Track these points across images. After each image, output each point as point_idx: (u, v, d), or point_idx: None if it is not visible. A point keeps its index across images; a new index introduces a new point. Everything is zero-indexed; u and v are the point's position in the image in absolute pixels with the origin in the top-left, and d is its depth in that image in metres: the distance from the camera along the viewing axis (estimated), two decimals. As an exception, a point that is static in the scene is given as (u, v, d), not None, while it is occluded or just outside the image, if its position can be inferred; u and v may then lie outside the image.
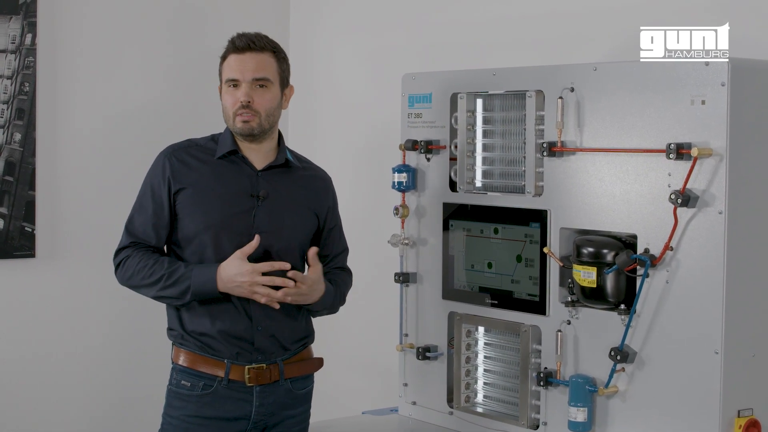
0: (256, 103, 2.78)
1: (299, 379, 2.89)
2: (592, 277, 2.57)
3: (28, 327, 3.93)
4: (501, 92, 2.85)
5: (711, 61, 2.37)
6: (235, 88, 2.79)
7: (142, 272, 2.79)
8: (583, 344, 2.65)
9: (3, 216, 3.81)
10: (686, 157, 2.39)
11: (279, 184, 2.85)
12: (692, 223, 2.42)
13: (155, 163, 2.88)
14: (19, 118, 3.83)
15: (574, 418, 2.62)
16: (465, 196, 2.94)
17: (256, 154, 2.85)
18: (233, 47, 2.81)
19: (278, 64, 2.83)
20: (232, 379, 2.80)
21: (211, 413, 2.80)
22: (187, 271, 2.76)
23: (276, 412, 2.86)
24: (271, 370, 2.83)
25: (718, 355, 2.38)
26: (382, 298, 3.60)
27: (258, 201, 2.82)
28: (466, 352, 2.95)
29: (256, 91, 2.79)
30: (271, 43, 2.84)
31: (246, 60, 2.78)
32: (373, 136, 4.01)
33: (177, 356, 2.86)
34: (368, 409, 3.31)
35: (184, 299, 2.77)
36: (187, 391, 2.81)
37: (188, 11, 4.23)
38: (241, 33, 2.83)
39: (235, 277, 2.72)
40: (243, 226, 2.80)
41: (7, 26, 3.79)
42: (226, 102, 2.82)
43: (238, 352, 2.80)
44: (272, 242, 2.81)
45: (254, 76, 2.78)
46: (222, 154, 2.83)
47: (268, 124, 2.81)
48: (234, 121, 2.80)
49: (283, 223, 2.83)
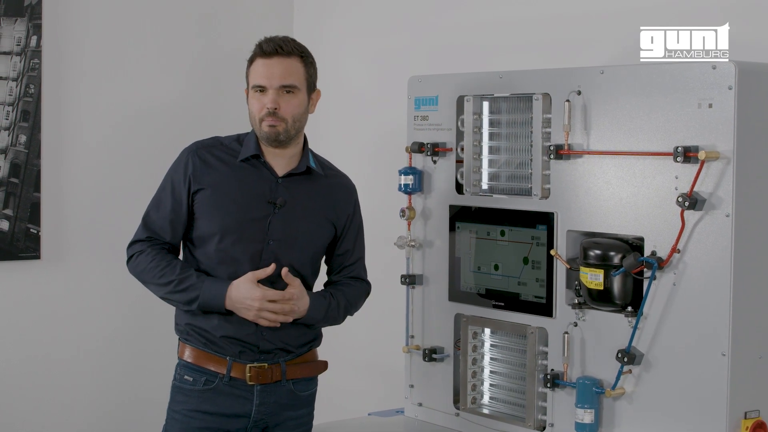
0: (282, 109, 2.76)
1: (302, 380, 2.89)
2: (599, 280, 2.57)
3: (33, 328, 3.94)
4: (507, 95, 2.86)
5: (718, 65, 2.38)
6: (262, 93, 2.77)
7: (153, 271, 2.81)
8: (590, 346, 2.66)
9: (8, 218, 3.82)
10: (693, 160, 2.40)
11: (298, 192, 2.83)
12: (699, 226, 2.43)
13: (179, 158, 2.87)
14: (25, 120, 3.84)
15: (581, 420, 2.63)
16: (471, 198, 2.94)
17: (280, 159, 2.84)
18: (261, 51, 2.78)
19: (305, 69, 2.81)
20: (234, 377, 2.81)
21: (212, 408, 2.81)
22: (198, 282, 2.77)
23: (277, 412, 2.86)
24: (273, 369, 2.83)
25: (725, 357, 2.39)
26: (389, 300, 3.61)
27: (275, 208, 2.81)
28: (472, 353, 2.96)
29: (283, 97, 2.77)
30: (298, 48, 2.81)
31: (273, 65, 2.76)
32: (379, 138, 4.01)
33: (182, 352, 2.87)
34: (374, 410, 3.32)
35: (191, 307, 2.79)
36: (190, 386, 2.83)
37: (192, 14, 4.24)
38: (269, 37, 2.80)
39: (244, 300, 2.73)
40: (257, 232, 2.80)
41: (12, 28, 3.80)
42: (253, 107, 2.80)
43: (241, 351, 2.81)
44: (285, 251, 2.81)
45: (281, 83, 2.76)
46: (245, 158, 2.83)
47: (294, 130, 2.80)
48: (261, 126, 2.78)
49: (298, 233, 2.83)
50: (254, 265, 2.79)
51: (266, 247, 2.80)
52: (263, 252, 2.79)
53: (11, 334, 3.89)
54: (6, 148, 3.81)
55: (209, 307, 2.77)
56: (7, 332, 3.89)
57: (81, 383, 4.04)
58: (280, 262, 2.79)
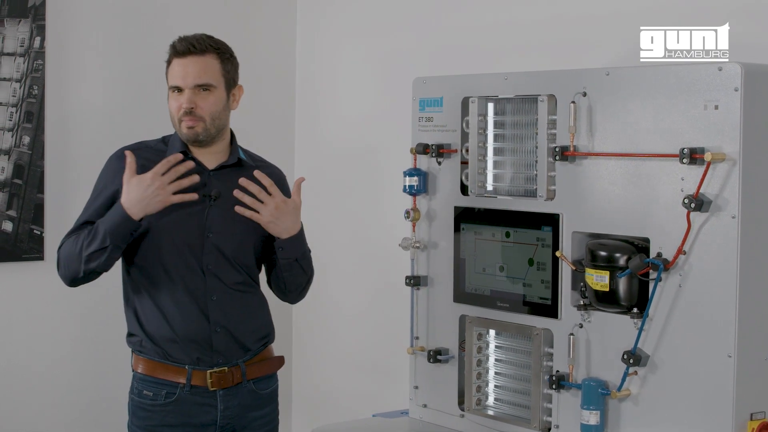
0: (199, 108, 2.77)
1: (262, 379, 2.91)
2: (605, 281, 2.58)
3: (37, 329, 3.94)
4: (512, 96, 2.86)
5: (724, 66, 2.38)
6: (179, 93, 2.78)
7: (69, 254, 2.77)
8: (596, 348, 2.66)
9: (12, 219, 3.82)
10: (699, 161, 2.40)
11: (232, 184, 2.82)
12: (705, 228, 2.43)
13: (107, 167, 2.87)
14: (28, 121, 3.84)
15: (586, 421, 2.63)
16: (476, 199, 2.94)
17: (207, 155, 2.85)
18: (175, 51, 2.79)
19: (222, 65, 2.81)
20: (195, 385, 2.81)
21: (177, 420, 2.82)
22: (99, 222, 2.74)
23: (242, 414, 2.87)
24: (233, 372, 2.84)
25: (731, 358, 2.39)
26: (393, 302, 3.61)
27: (210, 201, 2.81)
28: (477, 355, 2.96)
29: (199, 95, 2.77)
30: (214, 44, 2.81)
31: (188, 65, 2.76)
32: (383, 139, 4.01)
33: (137, 364, 2.87)
34: (378, 411, 3.32)
35: (106, 244, 2.70)
36: (150, 401, 2.82)
37: (195, 16, 4.24)
38: (182, 36, 2.81)
39: (144, 192, 2.66)
40: (195, 226, 2.80)
41: (16, 29, 3.80)
42: (171, 107, 2.81)
43: (198, 357, 2.80)
44: (225, 242, 2.82)
45: (196, 82, 2.77)
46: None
47: (214, 128, 2.81)
48: (180, 126, 2.80)
49: (236, 223, 2.83)
50: (197, 258, 2.80)
51: (206, 240, 2.81)
52: (204, 245, 2.81)
53: (14, 335, 3.89)
54: (9, 149, 3.81)
55: (120, 228, 2.69)
56: (10, 333, 3.89)
57: (83, 383, 4.04)
58: (223, 254, 2.80)
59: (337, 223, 4.23)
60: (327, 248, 4.27)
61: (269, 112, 4.39)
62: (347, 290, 4.21)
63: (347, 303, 4.22)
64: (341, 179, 4.24)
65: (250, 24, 4.35)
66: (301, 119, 4.42)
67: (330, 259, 4.25)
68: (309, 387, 4.41)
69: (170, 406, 2.80)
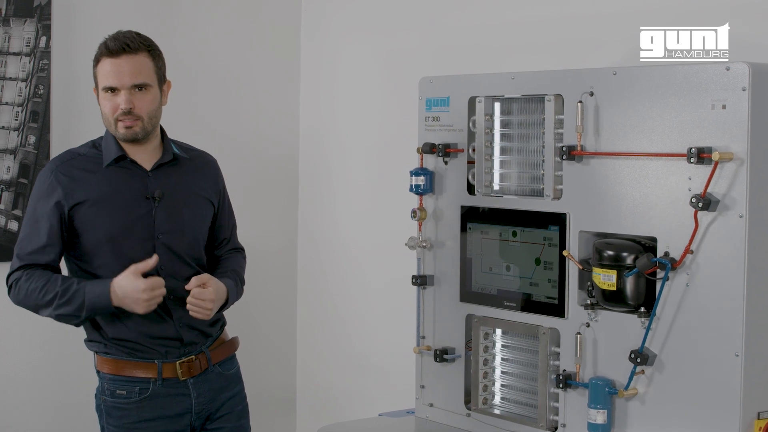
0: (137, 108, 2.77)
1: (225, 361, 2.99)
2: (612, 280, 2.58)
3: (38, 330, 3.94)
4: (519, 96, 2.87)
5: (732, 66, 2.39)
6: (114, 93, 2.76)
7: (35, 293, 2.76)
8: (602, 347, 2.66)
9: (18, 218, 3.83)
10: (707, 161, 2.41)
11: (172, 181, 2.85)
12: (713, 227, 2.43)
13: (40, 181, 2.83)
14: (34, 121, 3.84)
15: (593, 420, 2.63)
16: (483, 199, 2.95)
17: (143, 154, 2.85)
18: (107, 51, 2.76)
19: (154, 62, 2.81)
20: (166, 378, 2.85)
21: (153, 415, 2.85)
22: (80, 287, 2.74)
23: (214, 398, 2.94)
24: (199, 359, 2.90)
25: (738, 357, 2.39)
26: (400, 301, 3.61)
27: (155, 202, 2.82)
28: (483, 354, 2.96)
29: (136, 95, 2.77)
30: (145, 42, 2.80)
31: (122, 64, 2.74)
32: (390, 139, 4.02)
33: (101, 365, 2.87)
34: (385, 410, 3.32)
35: (80, 316, 2.75)
36: (125, 399, 2.84)
37: (198, 15, 4.24)
38: (113, 35, 2.79)
39: (132, 294, 2.70)
40: (145, 230, 2.81)
41: (21, 29, 3.80)
42: (106, 108, 2.79)
43: (166, 350, 2.85)
44: (176, 242, 2.84)
45: (133, 82, 2.75)
46: (110, 161, 2.82)
47: (151, 126, 2.82)
48: (116, 127, 2.79)
49: (183, 220, 2.86)
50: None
51: (157, 242, 2.82)
52: (156, 248, 2.82)
53: (16, 335, 3.89)
54: (15, 148, 3.81)
55: (97, 309, 2.74)
56: (12, 333, 3.89)
57: (85, 383, 4.04)
58: (175, 253, 2.83)
59: (344, 223, 4.23)
60: (333, 247, 4.28)
61: (274, 112, 4.39)
62: (353, 289, 4.22)
63: (353, 302, 4.22)
64: (347, 179, 4.24)
65: (255, 24, 4.35)
66: (306, 119, 4.43)
67: (336, 258, 4.25)
68: (314, 387, 4.41)
69: (145, 401, 2.84)
